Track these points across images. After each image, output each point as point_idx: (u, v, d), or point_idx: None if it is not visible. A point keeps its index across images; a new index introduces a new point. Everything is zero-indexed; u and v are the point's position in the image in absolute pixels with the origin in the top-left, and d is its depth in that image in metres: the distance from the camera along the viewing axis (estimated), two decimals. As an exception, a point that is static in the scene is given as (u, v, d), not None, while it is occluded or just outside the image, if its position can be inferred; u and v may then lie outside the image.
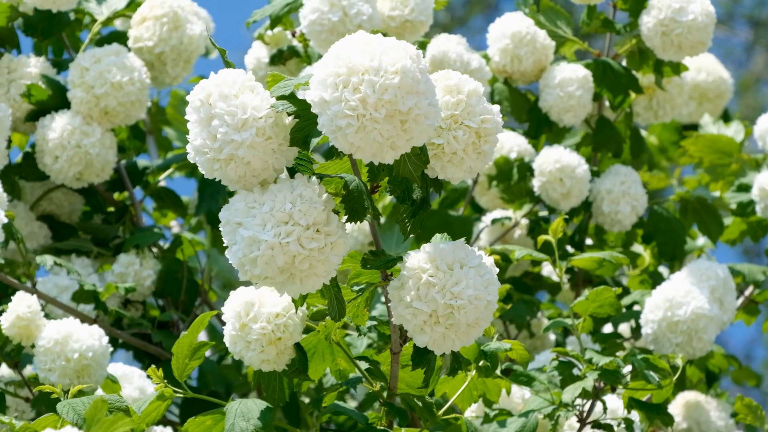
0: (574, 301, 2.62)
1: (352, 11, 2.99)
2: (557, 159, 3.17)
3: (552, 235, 2.63)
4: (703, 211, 3.34)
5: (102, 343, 2.52)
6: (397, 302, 2.05)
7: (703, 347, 2.94)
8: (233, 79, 2.03)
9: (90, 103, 3.00)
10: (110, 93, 2.99)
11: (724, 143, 3.39)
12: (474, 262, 2.06)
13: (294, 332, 2.23)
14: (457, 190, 3.56)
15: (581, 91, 3.18)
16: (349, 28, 2.98)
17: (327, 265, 2.01)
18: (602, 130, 3.28)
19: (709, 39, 3.14)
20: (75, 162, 3.00)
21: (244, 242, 1.98)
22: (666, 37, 3.13)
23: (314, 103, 1.95)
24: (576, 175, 3.16)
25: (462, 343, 2.06)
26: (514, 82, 3.29)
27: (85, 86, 2.99)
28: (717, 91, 3.69)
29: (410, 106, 1.93)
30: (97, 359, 2.52)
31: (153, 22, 3.12)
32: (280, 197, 1.99)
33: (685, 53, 3.15)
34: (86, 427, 1.85)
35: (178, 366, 2.26)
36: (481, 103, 2.08)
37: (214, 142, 2.01)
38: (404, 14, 3.07)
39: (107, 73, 2.99)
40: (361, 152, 1.96)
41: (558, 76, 3.19)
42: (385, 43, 1.95)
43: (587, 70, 3.21)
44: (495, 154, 3.40)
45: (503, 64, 3.25)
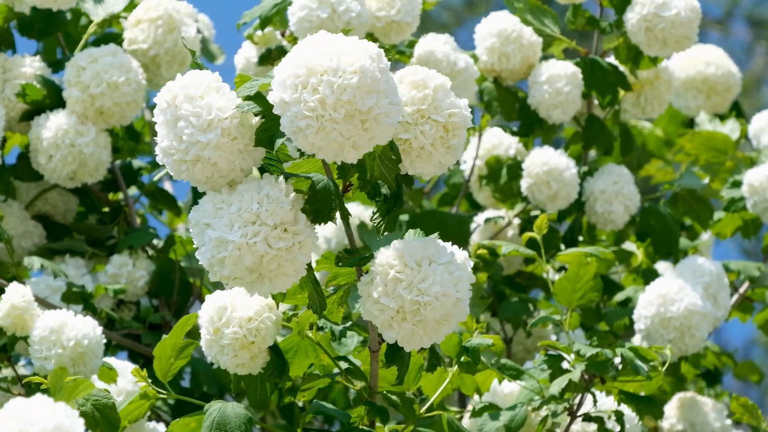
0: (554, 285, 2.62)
1: (340, 8, 3.01)
2: (545, 161, 3.19)
3: (537, 232, 2.64)
4: (692, 199, 3.34)
5: (96, 332, 2.55)
6: (366, 298, 2.07)
7: (695, 344, 2.95)
8: (199, 80, 2.05)
9: (85, 103, 3.03)
10: (106, 93, 3.02)
11: (719, 141, 3.39)
12: (444, 259, 2.07)
13: (267, 336, 2.26)
14: (456, 186, 3.57)
15: (569, 87, 3.19)
16: (337, 25, 3.00)
17: (295, 265, 2.03)
18: (592, 128, 3.29)
19: (695, 33, 3.14)
20: (69, 161, 3.03)
21: (212, 243, 2.01)
22: (650, 33, 3.13)
23: (275, 104, 1.96)
24: (563, 178, 3.18)
25: (432, 339, 2.07)
26: (503, 81, 3.30)
27: (81, 85, 3.02)
28: (726, 85, 3.69)
29: (370, 105, 1.94)
30: (93, 347, 2.55)
31: (148, 24, 3.15)
32: (247, 197, 2.01)
33: (671, 48, 3.15)
34: (50, 394, 1.89)
35: (161, 367, 2.29)
36: (449, 97, 2.09)
37: (181, 143, 2.03)
38: (390, 15, 3.09)
39: (104, 72, 3.02)
40: (323, 152, 1.97)
41: (546, 73, 3.21)
42: (345, 43, 1.97)
43: (576, 67, 3.24)
44: (489, 152, 3.41)
45: (491, 63, 3.26)
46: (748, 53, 9.80)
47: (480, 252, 2.97)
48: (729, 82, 3.70)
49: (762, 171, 3.20)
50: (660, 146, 3.89)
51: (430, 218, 3.33)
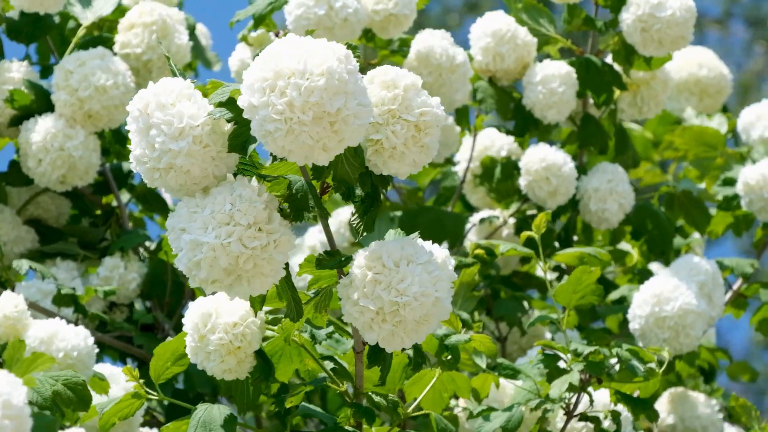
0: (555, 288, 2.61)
1: (337, 4, 3.02)
2: (543, 158, 3.19)
3: (535, 231, 2.64)
4: (689, 204, 3.35)
5: (87, 343, 2.56)
6: (346, 300, 2.08)
7: (690, 343, 2.95)
8: (171, 87, 2.06)
9: (74, 106, 3.05)
10: (94, 96, 3.04)
11: (710, 135, 3.40)
12: (422, 259, 2.07)
13: (252, 340, 2.27)
14: (450, 188, 3.58)
15: (563, 88, 3.19)
16: (335, 21, 3.01)
17: (272, 264, 2.04)
18: (587, 127, 3.30)
19: (690, 33, 3.15)
20: (58, 165, 3.05)
21: (188, 247, 2.02)
22: (646, 33, 3.14)
23: (244, 108, 1.97)
24: (562, 173, 3.18)
25: (412, 340, 2.08)
26: (498, 81, 3.31)
27: (70, 89, 3.04)
28: (717, 87, 3.70)
29: (338, 106, 1.94)
30: (83, 358, 2.56)
31: (142, 29, 3.17)
32: (220, 199, 2.02)
33: (666, 48, 3.17)
34: (6, 368, 1.89)
35: (156, 368, 2.31)
36: (420, 96, 2.09)
37: (153, 151, 2.04)
38: (388, 8, 3.10)
39: (92, 76, 3.03)
40: (293, 155, 1.98)
41: (540, 74, 3.22)
42: (312, 45, 1.97)
43: (570, 67, 3.24)
44: (484, 152, 3.41)
45: (486, 63, 3.27)
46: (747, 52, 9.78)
47: (477, 252, 2.97)
48: (721, 84, 3.70)
49: (758, 169, 3.19)
50: (648, 148, 3.90)
51: (427, 215, 3.33)
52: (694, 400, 3.22)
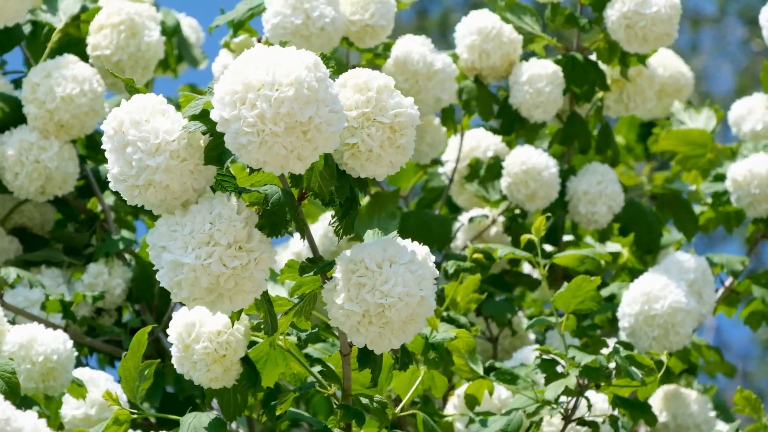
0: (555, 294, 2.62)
1: (314, 14, 3.02)
2: (524, 161, 3.21)
3: (535, 234, 2.66)
4: (678, 206, 3.35)
5: (66, 347, 2.58)
6: (331, 305, 2.09)
7: (680, 341, 2.96)
8: (144, 104, 2.07)
9: (44, 118, 3.06)
10: (62, 107, 3.05)
11: (696, 135, 3.41)
12: (404, 259, 2.09)
13: (238, 348, 2.29)
14: (433, 189, 3.59)
15: (550, 87, 3.21)
16: (312, 30, 3.02)
17: (253, 282, 2.05)
18: (572, 126, 3.33)
19: (675, 30, 3.17)
20: (35, 177, 3.07)
21: (168, 266, 2.03)
22: (630, 30, 3.15)
23: (217, 122, 1.98)
24: (542, 177, 3.20)
25: (400, 340, 2.10)
26: (484, 79, 3.32)
27: (38, 102, 3.05)
28: (676, 86, 3.71)
29: (310, 115, 1.96)
30: (62, 362, 2.58)
31: (110, 30, 3.17)
32: (199, 218, 2.03)
33: (651, 45, 3.19)
34: None
35: (129, 389, 2.32)
36: (393, 97, 2.10)
37: (131, 169, 2.05)
38: (365, 19, 3.11)
39: (57, 86, 3.04)
40: (268, 166, 1.99)
41: (526, 73, 3.23)
42: (280, 55, 1.98)
43: (556, 66, 3.26)
44: (471, 153, 3.42)
45: (471, 61, 3.28)
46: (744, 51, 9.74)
47: (476, 256, 2.98)
48: (679, 82, 3.70)
49: (745, 165, 3.20)
50: (622, 153, 3.91)
51: (413, 219, 3.34)
52: (687, 398, 3.23)
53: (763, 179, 3.17)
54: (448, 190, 3.49)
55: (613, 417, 2.59)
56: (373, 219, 3.25)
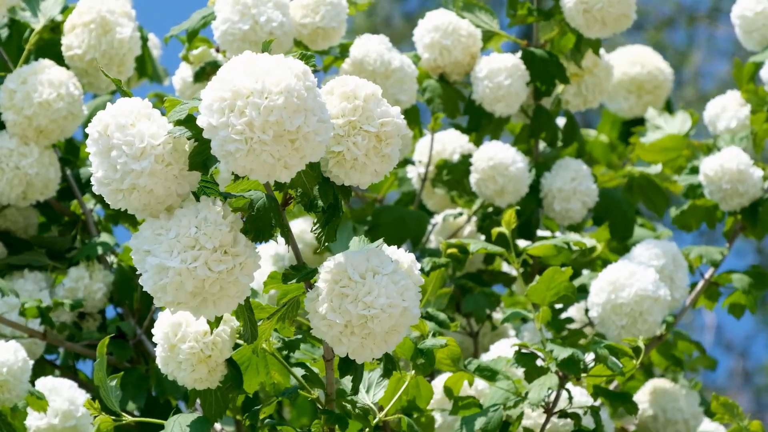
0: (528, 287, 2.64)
1: (262, 18, 3.02)
2: (491, 156, 3.22)
3: (506, 227, 2.67)
4: (648, 186, 3.38)
5: (18, 357, 2.56)
6: (313, 314, 2.10)
7: (648, 329, 2.96)
8: (129, 108, 2.07)
9: (23, 125, 3.04)
10: (39, 112, 3.02)
11: (667, 142, 3.42)
12: (387, 269, 2.10)
13: (223, 349, 2.29)
14: (405, 194, 3.61)
15: (510, 80, 3.21)
16: (260, 36, 3.01)
17: (238, 286, 2.06)
18: (538, 119, 3.33)
19: (632, 11, 3.18)
20: (15, 184, 3.05)
21: (153, 270, 2.03)
22: (588, 14, 3.17)
23: (204, 128, 1.98)
24: (509, 173, 3.21)
25: (381, 350, 2.11)
26: (449, 76, 3.33)
27: (15, 108, 3.03)
28: (654, 83, 3.73)
29: (298, 124, 1.96)
30: (15, 374, 2.56)
31: (82, 29, 3.15)
32: (185, 222, 2.04)
33: (610, 28, 3.20)
34: None
35: (107, 398, 2.31)
36: (380, 106, 2.11)
37: (115, 172, 2.05)
38: (315, 21, 3.10)
39: (33, 92, 3.02)
40: (255, 174, 2.00)
41: (486, 68, 3.25)
42: (269, 63, 1.99)
43: (517, 59, 3.26)
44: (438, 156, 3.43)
45: (433, 59, 3.29)
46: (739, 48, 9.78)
47: (450, 251, 2.99)
48: (658, 79, 3.73)
49: (717, 160, 3.22)
50: (606, 152, 3.93)
51: (389, 214, 3.35)
52: (675, 393, 3.25)
53: (733, 174, 3.19)
54: (420, 195, 3.51)
55: (595, 408, 2.61)
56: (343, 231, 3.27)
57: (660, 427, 3.24)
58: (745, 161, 3.20)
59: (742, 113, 3.39)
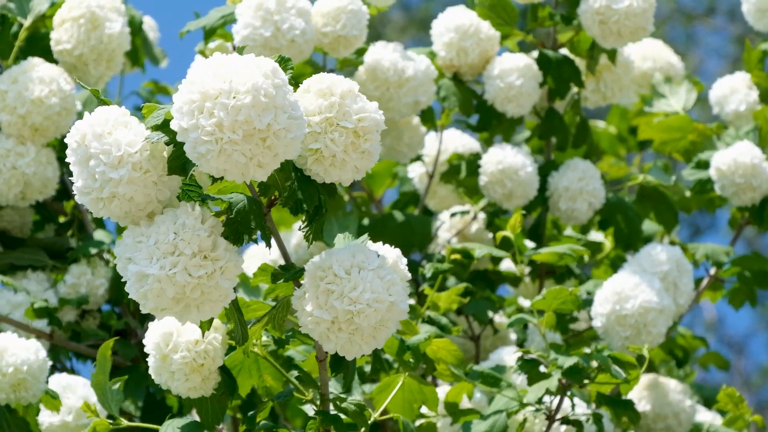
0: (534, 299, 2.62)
1: (284, 26, 3.00)
2: (500, 160, 3.21)
3: (511, 231, 2.66)
4: (660, 201, 3.35)
5: (39, 356, 2.58)
6: (301, 312, 2.10)
7: (652, 340, 2.96)
8: (105, 117, 2.08)
9: (17, 124, 3.06)
10: (33, 110, 3.04)
11: (674, 121, 3.39)
12: (373, 265, 2.10)
13: (216, 356, 2.29)
14: (406, 193, 3.60)
15: (522, 81, 3.20)
16: (282, 43, 3.00)
17: (220, 290, 2.06)
18: (550, 121, 3.32)
19: (650, 24, 3.16)
20: (13, 184, 3.07)
21: (134, 278, 2.04)
22: (604, 26, 3.15)
23: (177, 131, 1.98)
24: (518, 177, 3.19)
25: (371, 346, 2.11)
26: (462, 76, 3.32)
27: (8, 108, 3.05)
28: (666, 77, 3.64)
29: (267, 122, 1.96)
30: (33, 373, 2.58)
31: (71, 23, 3.15)
32: (163, 228, 2.04)
33: (626, 40, 3.18)
34: None
35: (104, 401, 2.32)
36: (357, 102, 2.11)
37: (94, 182, 2.06)
38: (336, 30, 3.08)
39: (25, 91, 3.03)
40: (229, 174, 2.00)
41: (498, 67, 3.24)
42: (237, 63, 1.99)
43: (529, 59, 3.26)
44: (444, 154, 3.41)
45: (450, 58, 3.28)
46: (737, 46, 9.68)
47: (454, 257, 2.97)
48: (669, 73, 3.69)
49: (729, 154, 3.18)
50: (614, 144, 3.89)
51: (394, 220, 3.34)
52: (666, 387, 3.22)
53: (747, 169, 3.16)
54: (424, 198, 3.49)
55: (597, 415, 2.58)
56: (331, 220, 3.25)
57: (650, 421, 3.20)
58: (758, 155, 3.18)
59: (751, 97, 3.35)
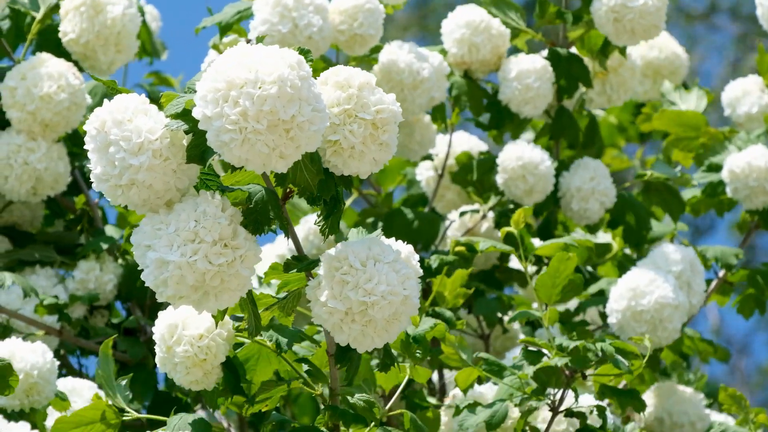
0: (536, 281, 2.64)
1: (302, 23, 3.03)
2: (520, 156, 3.23)
3: (514, 226, 2.68)
4: (665, 191, 3.37)
5: (47, 358, 2.58)
6: (315, 302, 2.12)
7: (668, 336, 2.98)
8: (125, 104, 2.09)
9: (27, 120, 3.06)
10: (42, 106, 3.05)
11: (689, 117, 3.41)
12: (389, 258, 2.11)
13: (218, 353, 2.31)
14: (414, 195, 3.62)
15: (539, 83, 3.23)
16: (299, 39, 3.02)
17: (239, 279, 2.07)
18: (561, 120, 3.35)
19: (662, 22, 3.21)
20: (24, 179, 3.08)
21: (153, 265, 2.05)
22: (618, 24, 3.18)
23: (199, 119, 1.99)
24: (539, 171, 3.22)
25: (383, 339, 2.12)
26: (473, 74, 3.34)
27: (18, 105, 3.06)
28: (671, 68, 3.73)
29: (292, 113, 1.98)
30: (44, 376, 2.59)
31: (73, 13, 3.15)
32: (184, 216, 2.05)
33: (639, 38, 3.22)
34: None
35: (111, 396, 2.32)
36: (374, 94, 2.12)
37: (114, 168, 2.07)
38: (353, 28, 3.11)
39: (33, 87, 3.04)
40: (251, 164, 2.01)
41: (515, 69, 3.26)
42: (262, 54, 2.01)
43: (545, 61, 3.29)
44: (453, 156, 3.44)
45: (461, 55, 3.30)
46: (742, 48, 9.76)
47: (458, 249, 2.99)
48: (674, 64, 3.72)
49: (743, 157, 3.21)
50: (613, 134, 3.93)
51: (401, 217, 3.36)
52: (681, 394, 3.23)
53: (761, 172, 3.19)
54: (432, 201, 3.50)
55: (601, 407, 2.60)
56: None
57: (666, 429, 3.23)
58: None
59: (764, 100, 3.39)
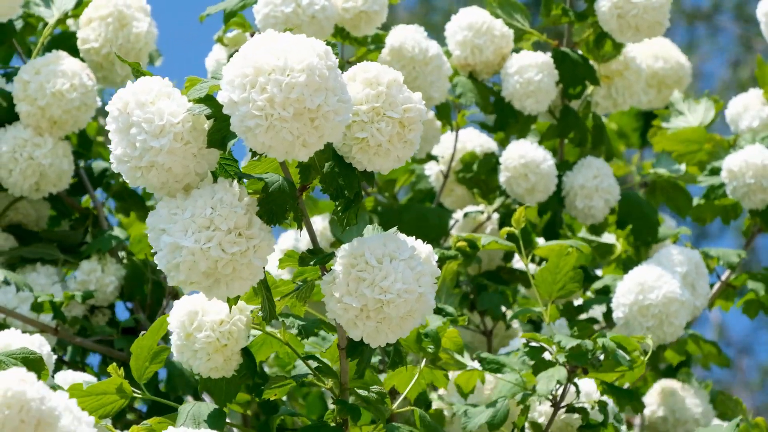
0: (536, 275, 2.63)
1: (304, 2, 3.03)
2: (522, 154, 3.22)
3: (515, 225, 2.67)
4: (670, 188, 3.37)
5: (43, 351, 2.55)
6: (329, 297, 2.11)
7: (674, 332, 2.96)
8: (149, 86, 2.08)
9: (36, 115, 3.05)
10: (53, 103, 3.03)
11: (689, 134, 3.41)
12: (405, 255, 2.10)
13: (239, 338, 2.29)
14: (422, 190, 3.62)
15: (541, 76, 3.23)
16: (303, 19, 3.01)
17: (251, 269, 2.06)
18: (567, 119, 3.34)
19: (666, 19, 3.20)
20: (29, 174, 3.06)
21: (167, 249, 2.04)
22: (622, 20, 3.18)
23: (224, 104, 1.99)
24: (541, 170, 3.21)
25: (396, 335, 2.12)
26: (477, 75, 3.34)
27: (29, 99, 3.04)
28: (675, 77, 3.74)
29: (318, 103, 1.97)
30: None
31: (99, 22, 3.16)
32: (201, 203, 2.04)
33: (644, 35, 3.21)
34: None
35: (137, 367, 2.33)
36: (402, 92, 2.12)
37: (134, 150, 2.06)
38: (358, 6, 3.11)
39: (47, 83, 3.03)
40: (273, 151, 2.00)
41: (516, 64, 3.27)
42: (291, 41, 2.00)
43: (547, 57, 3.28)
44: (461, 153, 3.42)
45: (464, 57, 3.30)
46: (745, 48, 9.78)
47: (460, 244, 2.98)
48: (678, 74, 3.73)
49: (741, 156, 3.21)
50: (614, 140, 3.91)
51: (410, 212, 3.35)
52: (685, 394, 3.23)
53: (758, 169, 3.18)
54: (439, 196, 3.50)
55: (602, 402, 2.59)
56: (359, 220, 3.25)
57: (670, 427, 3.22)
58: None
59: (765, 112, 3.39)
